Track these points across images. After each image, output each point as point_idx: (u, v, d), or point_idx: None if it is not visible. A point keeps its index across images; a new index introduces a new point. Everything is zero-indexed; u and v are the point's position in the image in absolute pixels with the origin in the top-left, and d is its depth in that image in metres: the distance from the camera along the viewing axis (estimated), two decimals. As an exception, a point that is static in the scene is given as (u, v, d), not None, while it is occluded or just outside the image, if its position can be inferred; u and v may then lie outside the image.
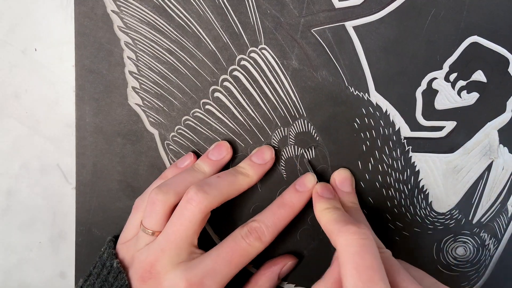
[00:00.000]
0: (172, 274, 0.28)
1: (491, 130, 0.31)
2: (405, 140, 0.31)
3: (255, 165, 0.31)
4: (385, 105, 0.31)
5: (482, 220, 0.32)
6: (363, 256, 0.24)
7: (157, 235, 0.30)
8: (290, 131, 0.32)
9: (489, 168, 0.31)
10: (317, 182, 0.31)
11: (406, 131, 0.31)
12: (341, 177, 0.31)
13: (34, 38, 0.33)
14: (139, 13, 0.31)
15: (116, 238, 0.33)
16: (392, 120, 0.31)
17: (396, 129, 0.31)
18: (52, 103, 0.34)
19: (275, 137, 0.32)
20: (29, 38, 0.33)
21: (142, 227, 0.30)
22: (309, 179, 0.31)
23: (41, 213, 0.36)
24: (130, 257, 0.30)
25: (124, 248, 0.31)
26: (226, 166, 0.33)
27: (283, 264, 0.33)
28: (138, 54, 0.32)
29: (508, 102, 0.30)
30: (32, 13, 0.33)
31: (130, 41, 0.32)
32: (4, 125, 0.35)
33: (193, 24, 0.31)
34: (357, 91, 0.31)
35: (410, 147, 0.31)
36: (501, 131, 0.31)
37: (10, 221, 0.37)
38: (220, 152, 0.32)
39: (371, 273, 0.23)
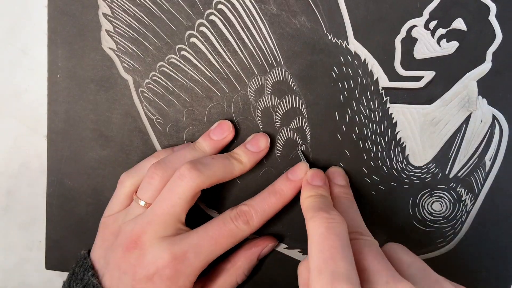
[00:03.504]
0: (157, 246, 0.28)
1: (470, 81, 0.30)
2: (383, 91, 0.31)
3: (249, 153, 0.31)
4: (363, 53, 0.30)
5: (459, 174, 0.32)
6: (328, 237, 0.24)
7: (147, 207, 0.30)
8: (267, 79, 0.32)
9: (467, 120, 0.31)
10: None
11: (384, 81, 0.31)
12: (334, 172, 0.31)
13: (34, 38, 0.33)
14: (113, -48, 0.30)
15: (88, 252, 0.32)
16: (371, 70, 0.31)
17: (374, 79, 0.31)
18: (52, 103, 0.34)
19: (252, 86, 0.32)
20: (29, 38, 0.33)
21: (135, 197, 0.31)
22: (301, 168, 0.31)
23: (41, 212, 0.36)
24: (117, 228, 0.30)
25: (110, 220, 0.31)
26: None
27: (263, 246, 0.33)
28: (112, -5, 0.31)
29: (488, 52, 0.30)
30: (32, 13, 0.33)
31: (104, -18, 0.31)
32: (4, 125, 0.35)
33: (169, -35, 0.30)
34: (335, 39, 0.30)
35: (388, 97, 0.31)
36: (480, 82, 0.30)
37: (10, 221, 0.37)
38: (222, 132, 0.32)
39: (334, 251, 0.23)
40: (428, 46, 0.30)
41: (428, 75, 0.30)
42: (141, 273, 0.28)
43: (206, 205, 0.34)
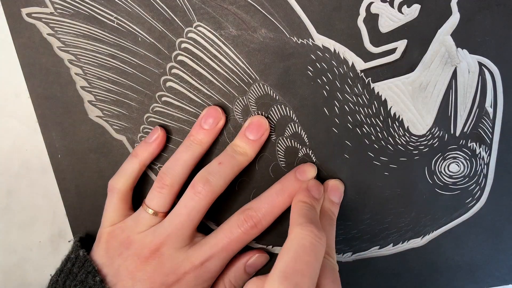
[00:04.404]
0: (176, 257, 0.30)
1: (444, 36, 0.30)
2: (362, 74, 0.31)
3: (250, 142, 0.31)
4: (331, 45, 0.30)
5: (465, 130, 0.31)
6: (308, 252, 0.25)
7: (160, 215, 0.31)
8: (249, 98, 0.32)
9: (454, 75, 0.30)
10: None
11: (360, 64, 0.31)
12: (333, 186, 0.32)
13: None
14: (73, 29, 0.32)
15: (80, 239, 0.33)
16: (344, 57, 0.31)
17: (350, 65, 0.31)
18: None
19: (237, 109, 0.32)
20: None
21: (144, 206, 0.31)
22: (310, 169, 0.31)
23: (41, 212, 0.36)
24: (126, 237, 0.31)
25: (118, 229, 0.32)
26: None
27: (249, 257, 0.33)
28: (84, 68, 0.32)
29: (452, 4, 0.29)
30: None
31: (73, 58, 0.32)
32: (4, 125, 0.35)
33: (125, 23, 0.31)
34: (300, 39, 0.31)
35: (370, 78, 0.31)
36: (454, 35, 0.29)
37: (10, 221, 0.37)
38: (214, 118, 0.31)
39: (306, 268, 0.24)
40: (391, 17, 0.30)
41: (401, 45, 0.30)
42: (159, 281, 0.29)
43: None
